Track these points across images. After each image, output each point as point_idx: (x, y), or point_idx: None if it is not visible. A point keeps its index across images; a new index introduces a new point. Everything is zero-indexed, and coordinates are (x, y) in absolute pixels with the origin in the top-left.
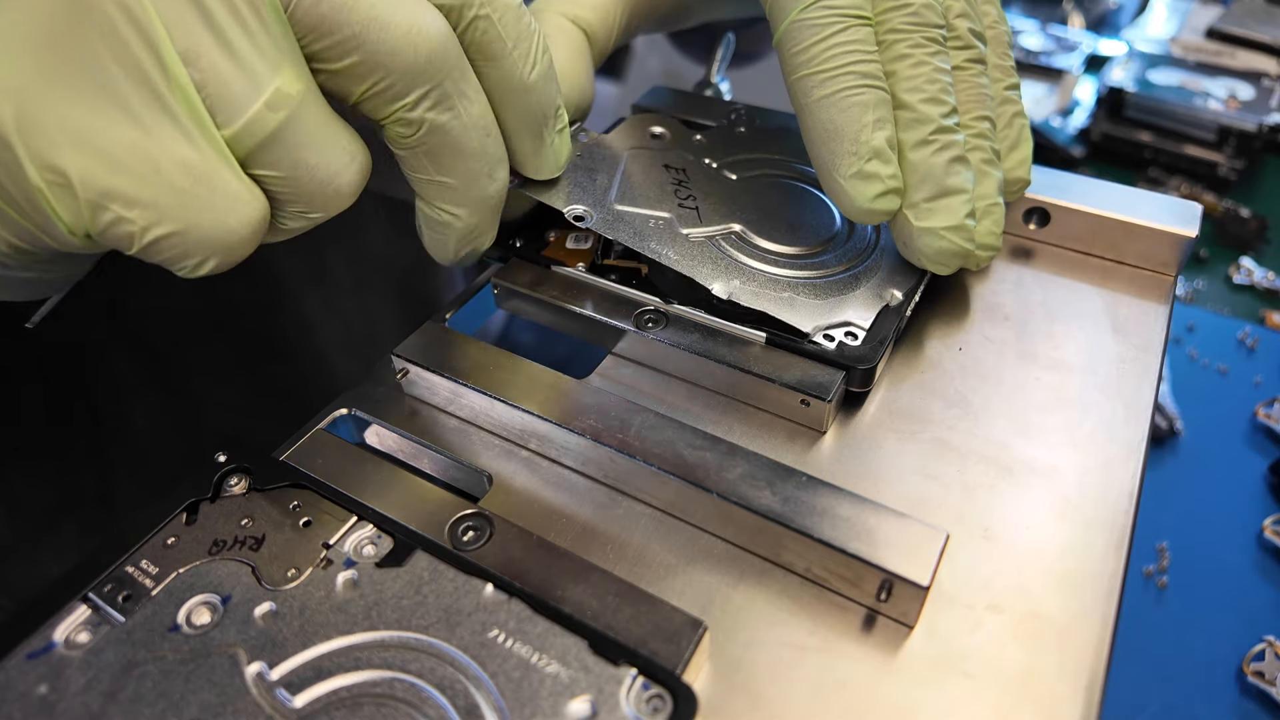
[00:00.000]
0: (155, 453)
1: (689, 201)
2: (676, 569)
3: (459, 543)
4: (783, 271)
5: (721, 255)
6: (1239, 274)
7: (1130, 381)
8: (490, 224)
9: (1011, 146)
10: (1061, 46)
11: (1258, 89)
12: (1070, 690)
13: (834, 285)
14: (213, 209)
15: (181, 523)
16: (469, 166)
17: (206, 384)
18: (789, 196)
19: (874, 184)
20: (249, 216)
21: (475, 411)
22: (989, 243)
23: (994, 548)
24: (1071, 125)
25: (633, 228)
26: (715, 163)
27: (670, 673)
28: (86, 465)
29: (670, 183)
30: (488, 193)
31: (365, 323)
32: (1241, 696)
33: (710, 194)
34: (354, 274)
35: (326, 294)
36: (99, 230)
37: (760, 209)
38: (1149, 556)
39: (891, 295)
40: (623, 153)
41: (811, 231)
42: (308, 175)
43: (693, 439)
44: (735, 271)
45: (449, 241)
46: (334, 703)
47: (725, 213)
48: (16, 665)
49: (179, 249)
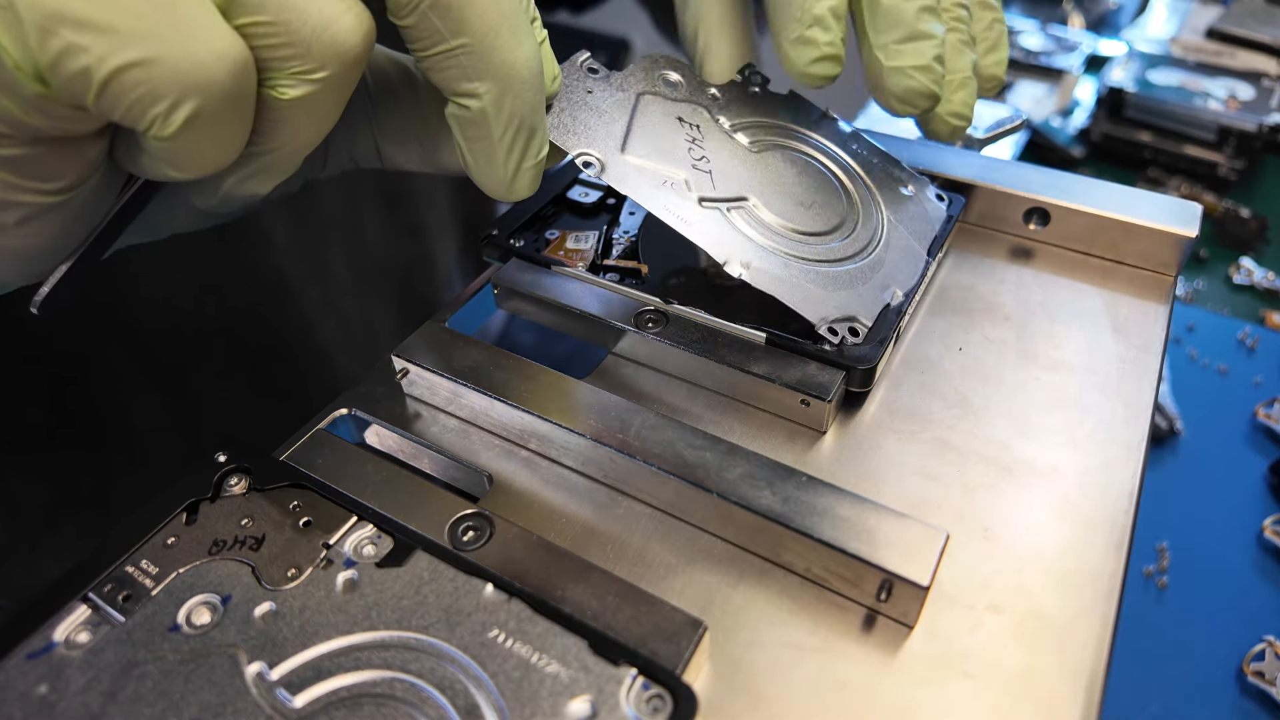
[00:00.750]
0: (154, 452)
1: (703, 164)
2: (676, 569)
3: (459, 543)
4: (792, 253)
5: (733, 229)
6: (1239, 274)
7: (1130, 381)
8: (533, 110)
9: (990, 49)
10: (1061, 46)
11: (1258, 89)
12: (1070, 690)
13: (841, 276)
14: (179, 36)
15: (181, 523)
16: (484, 19)
17: (206, 384)
18: (801, 173)
19: (811, 49)
20: (224, 50)
21: (475, 411)
22: (961, 112)
23: (994, 548)
24: (1071, 125)
25: (644, 184)
26: (729, 123)
27: (670, 673)
28: (84, 465)
29: (685, 140)
30: (514, 57)
31: (365, 322)
32: (1241, 696)
33: (723, 159)
34: (353, 273)
35: (326, 293)
36: (50, 62)
37: (772, 182)
38: (1149, 556)
39: (894, 294)
40: (634, 96)
41: (821, 213)
42: (297, 19)
43: (693, 439)
44: (749, 249)
45: (492, 148)
46: (334, 703)
47: (738, 182)
48: (16, 665)
49: (145, 86)
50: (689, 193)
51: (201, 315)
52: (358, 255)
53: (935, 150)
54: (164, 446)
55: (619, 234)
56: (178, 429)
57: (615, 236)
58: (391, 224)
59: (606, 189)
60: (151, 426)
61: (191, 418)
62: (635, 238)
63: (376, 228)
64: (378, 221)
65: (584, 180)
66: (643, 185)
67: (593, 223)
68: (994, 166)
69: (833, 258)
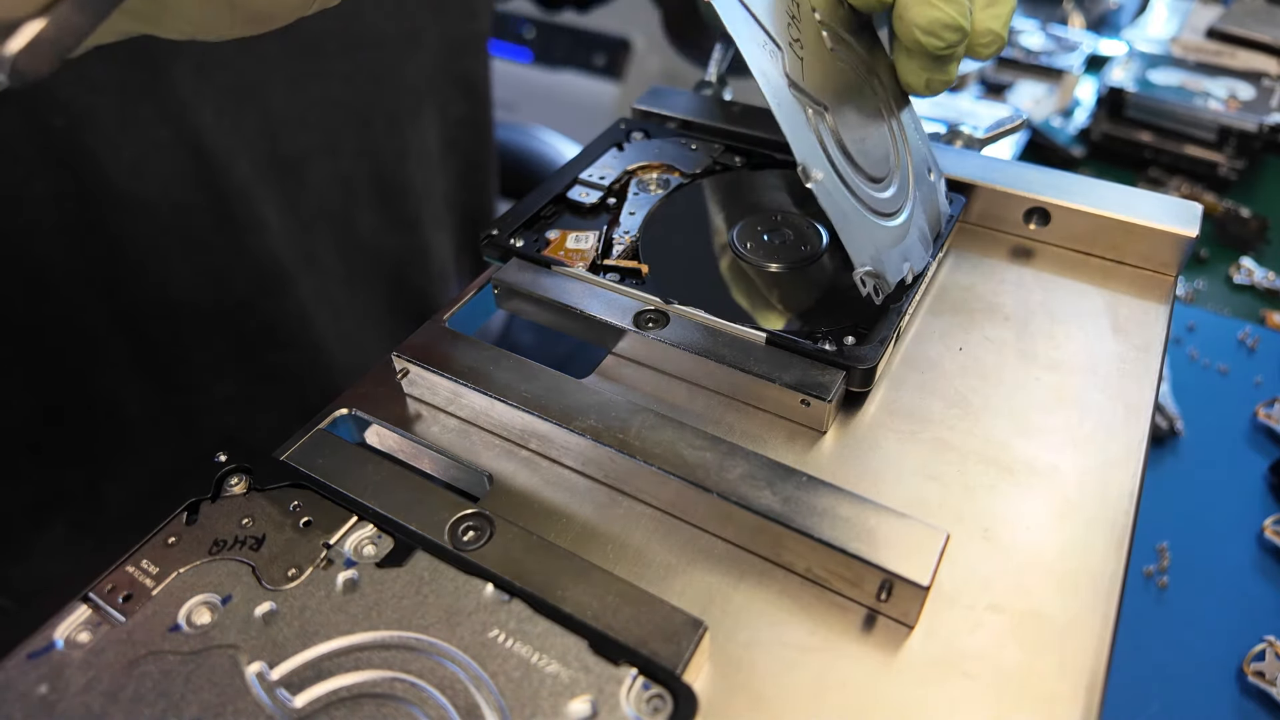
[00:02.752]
0: (147, 448)
1: (798, 46)
2: (677, 569)
3: (459, 543)
4: (852, 187)
5: (812, 132)
6: (1239, 274)
7: (1131, 381)
8: None
9: (988, 4)
10: (1062, 46)
11: (1258, 89)
12: (1070, 690)
13: (880, 230)
14: None
15: (182, 522)
16: None
17: (204, 379)
18: (871, 114)
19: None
20: None
21: (475, 411)
22: (993, 28)
23: (994, 548)
24: (1072, 125)
25: (747, 33)
26: (820, 17)
27: (670, 673)
28: (76, 461)
29: (786, 10)
30: None
31: (358, 317)
32: (1242, 696)
33: (813, 52)
34: (346, 264)
35: (321, 284)
36: None
37: (849, 106)
38: (1149, 556)
39: (909, 270)
40: None
41: (879, 163)
42: None
43: (693, 439)
44: (823, 161)
45: None
46: (334, 702)
47: (821, 85)
48: (17, 665)
49: None
50: (783, 67)
51: (197, 308)
52: (350, 246)
53: (935, 150)
54: (158, 442)
55: (619, 234)
56: (170, 423)
57: (615, 236)
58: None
59: (607, 189)
60: (143, 417)
61: (185, 413)
62: (635, 238)
63: (369, 216)
64: (371, 211)
65: (584, 180)
66: (745, 34)
67: (593, 223)
68: (994, 166)
69: (880, 210)
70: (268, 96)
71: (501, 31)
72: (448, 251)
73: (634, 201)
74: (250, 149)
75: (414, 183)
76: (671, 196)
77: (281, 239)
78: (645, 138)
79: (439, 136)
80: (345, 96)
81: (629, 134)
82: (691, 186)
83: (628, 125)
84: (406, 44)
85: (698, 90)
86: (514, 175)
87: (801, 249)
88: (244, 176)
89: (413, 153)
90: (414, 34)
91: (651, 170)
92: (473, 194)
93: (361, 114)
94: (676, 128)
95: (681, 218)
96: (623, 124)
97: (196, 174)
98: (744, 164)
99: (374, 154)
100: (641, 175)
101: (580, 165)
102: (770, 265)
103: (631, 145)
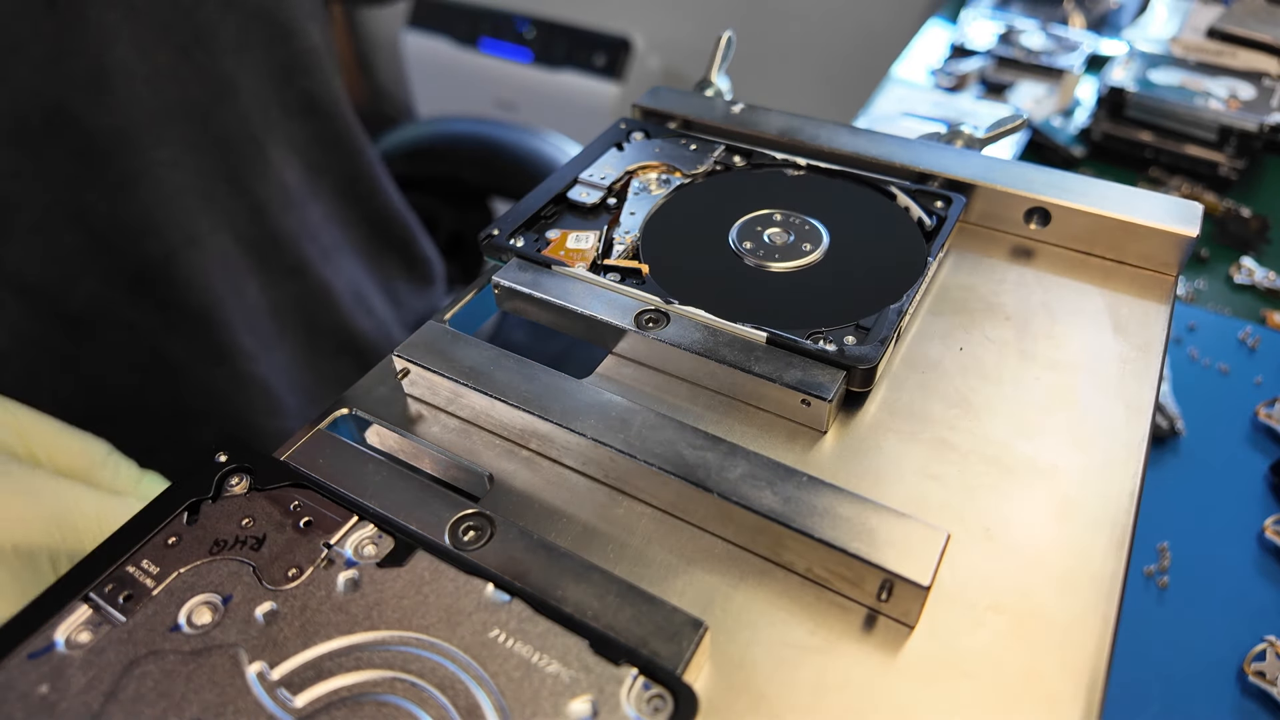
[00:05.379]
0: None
1: None
2: (677, 569)
3: (460, 542)
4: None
5: None
6: (1240, 274)
7: (1131, 381)
8: None
9: None
10: (1062, 46)
11: (1259, 89)
12: (1070, 690)
13: None
14: None
15: (182, 522)
16: None
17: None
18: None
19: None
20: None
21: (475, 411)
22: None
23: (995, 548)
24: (1072, 125)
25: None
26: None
27: (671, 673)
28: None
29: None
30: None
31: (280, 373)
32: (1242, 696)
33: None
34: None
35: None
36: None
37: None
38: (1150, 556)
39: None
40: None
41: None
42: None
43: (693, 439)
44: None
45: None
46: (335, 702)
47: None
48: (17, 665)
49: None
50: None
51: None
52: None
53: (936, 150)
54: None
55: (619, 234)
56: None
57: (615, 236)
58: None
59: (607, 189)
60: (134, 407)
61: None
62: (636, 238)
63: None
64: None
65: (585, 180)
66: None
67: (593, 223)
68: (995, 166)
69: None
70: None
71: (501, 31)
72: (356, 274)
73: (634, 201)
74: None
75: (285, 227)
76: (672, 196)
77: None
78: (645, 138)
79: (300, 168)
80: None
81: (629, 134)
82: (692, 186)
83: (628, 125)
84: (223, 96)
85: (698, 89)
86: (514, 175)
87: (802, 249)
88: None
89: (274, 201)
90: (229, 83)
91: (652, 170)
92: (364, 203)
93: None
94: (677, 128)
95: (682, 218)
96: (623, 124)
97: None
98: (744, 164)
99: (230, 223)
100: (642, 175)
101: (580, 165)
102: (770, 265)
103: (632, 145)
